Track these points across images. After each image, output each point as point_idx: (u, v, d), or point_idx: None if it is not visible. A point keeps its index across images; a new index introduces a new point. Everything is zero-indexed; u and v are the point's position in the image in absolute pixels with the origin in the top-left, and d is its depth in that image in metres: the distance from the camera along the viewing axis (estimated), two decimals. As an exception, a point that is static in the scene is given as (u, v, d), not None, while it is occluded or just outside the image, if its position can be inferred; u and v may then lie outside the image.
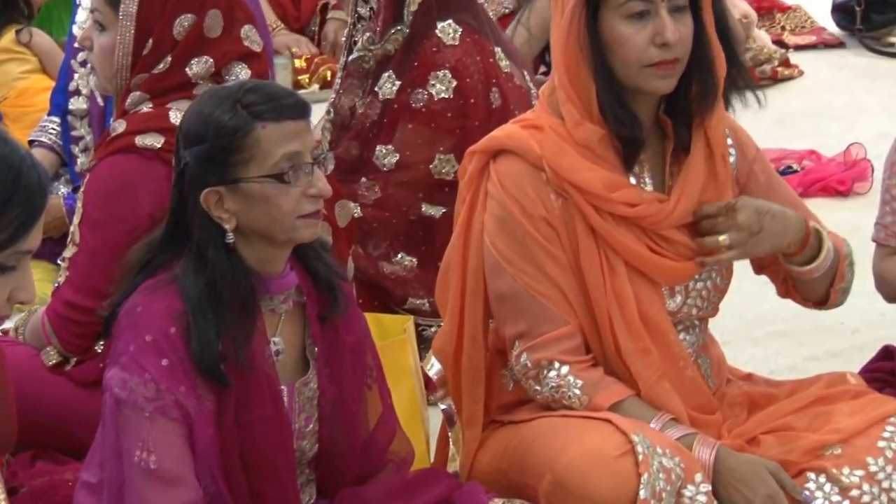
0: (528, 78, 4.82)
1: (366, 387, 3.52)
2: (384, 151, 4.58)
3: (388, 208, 4.60)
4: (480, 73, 4.60)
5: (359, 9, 4.61)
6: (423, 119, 4.58)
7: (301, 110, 3.34)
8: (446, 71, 4.58)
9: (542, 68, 6.21)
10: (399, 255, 4.63)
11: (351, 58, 4.66)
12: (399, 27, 4.59)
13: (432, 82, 4.58)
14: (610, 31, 3.58)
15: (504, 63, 4.67)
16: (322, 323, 3.44)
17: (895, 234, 4.04)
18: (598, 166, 3.62)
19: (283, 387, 3.39)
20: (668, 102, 3.66)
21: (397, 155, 4.58)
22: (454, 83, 4.58)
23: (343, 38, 4.77)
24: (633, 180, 3.67)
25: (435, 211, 4.62)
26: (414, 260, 4.64)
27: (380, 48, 4.61)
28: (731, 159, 3.76)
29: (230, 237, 3.28)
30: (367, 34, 4.63)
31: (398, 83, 4.59)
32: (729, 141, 3.77)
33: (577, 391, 3.63)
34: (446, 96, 4.58)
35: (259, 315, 3.32)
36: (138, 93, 4.09)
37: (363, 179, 4.60)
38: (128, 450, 3.23)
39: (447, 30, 4.60)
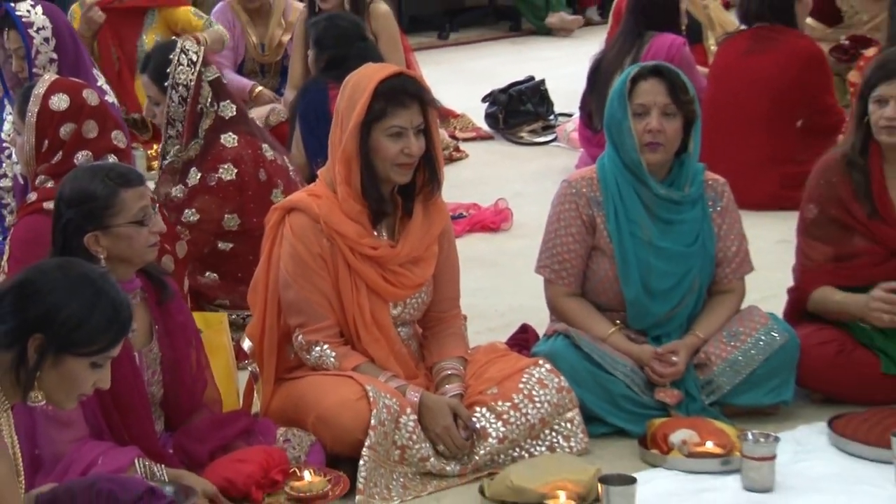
0: (286, 160, 4.80)
1: (190, 350, 3.48)
2: (188, 213, 4.55)
3: (196, 246, 4.57)
4: (252, 161, 4.55)
5: (169, 131, 4.57)
6: (215, 193, 4.53)
7: (142, 180, 3.37)
8: (230, 163, 4.52)
9: None
10: (206, 273, 4.60)
11: (165, 162, 4.62)
12: (197, 140, 4.56)
13: (221, 170, 4.54)
14: (376, 143, 3.59)
15: (269, 153, 4.63)
16: (160, 307, 3.41)
17: (562, 277, 3.90)
18: (354, 223, 3.64)
19: (136, 353, 3.35)
20: (401, 187, 3.68)
21: (198, 215, 4.54)
22: (235, 170, 4.51)
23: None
24: (375, 233, 3.68)
25: (225, 246, 4.57)
26: (216, 275, 4.59)
27: (185, 155, 4.57)
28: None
29: (103, 264, 3.23)
30: (176, 146, 4.58)
31: (200, 174, 4.53)
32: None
33: (332, 360, 3.64)
34: (231, 178, 4.52)
35: None
36: (43, 175, 4.00)
37: (178, 228, 4.51)
38: None
39: (228, 138, 4.54)
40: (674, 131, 3.83)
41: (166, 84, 4.48)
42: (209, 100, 4.53)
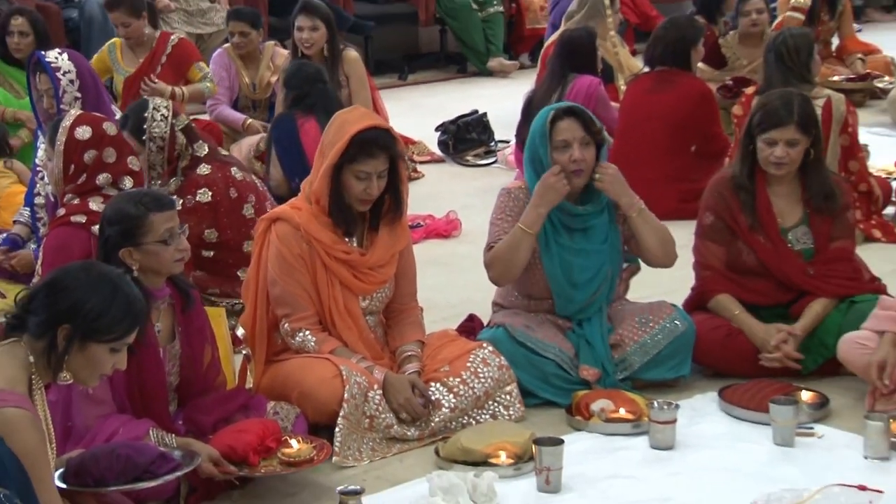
0: (255, 178, 4.80)
1: (205, 347, 3.44)
2: None
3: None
4: (223, 183, 4.56)
5: (151, 173, 4.51)
6: (194, 211, 4.53)
7: (172, 204, 3.33)
8: (205, 188, 4.53)
9: None
10: (196, 271, 4.57)
11: None
12: (176, 178, 4.57)
13: (198, 194, 4.54)
14: (346, 180, 3.61)
15: (238, 174, 4.63)
16: (183, 313, 3.38)
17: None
18: (329, 231, 3.65)
19: (161, 349, 3.33)
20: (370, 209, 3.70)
21: (186, 230, 4.52)
22: (210, 192, 4.53)
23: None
24: (347, 240, 3.69)
25: (208, 254, 4.58)
26: (204, 273, 4.58)
27: (166, 190, 4.52)
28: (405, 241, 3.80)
29: (136, 274, 3.21)
30: (158, 182, 4.57)
31: (180, 200, 4.52)
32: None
33: (313, 344, 3.64)
34: (207, 200, 4.53)
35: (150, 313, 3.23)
36: (70, 194, 3.97)
37: None
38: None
39: (202, 168, 4.56)
40: (591, 157, 3.89)
41: (144, 138, 4.48)
42: (184, 144, 4.55)
